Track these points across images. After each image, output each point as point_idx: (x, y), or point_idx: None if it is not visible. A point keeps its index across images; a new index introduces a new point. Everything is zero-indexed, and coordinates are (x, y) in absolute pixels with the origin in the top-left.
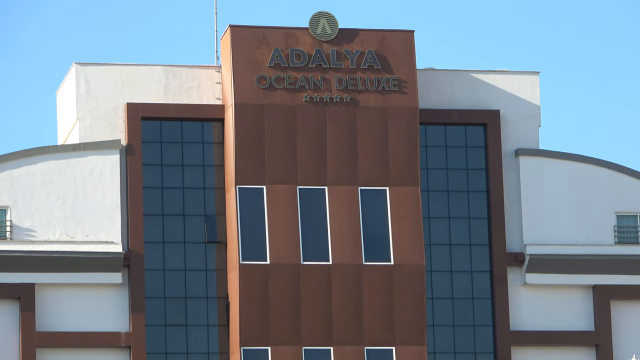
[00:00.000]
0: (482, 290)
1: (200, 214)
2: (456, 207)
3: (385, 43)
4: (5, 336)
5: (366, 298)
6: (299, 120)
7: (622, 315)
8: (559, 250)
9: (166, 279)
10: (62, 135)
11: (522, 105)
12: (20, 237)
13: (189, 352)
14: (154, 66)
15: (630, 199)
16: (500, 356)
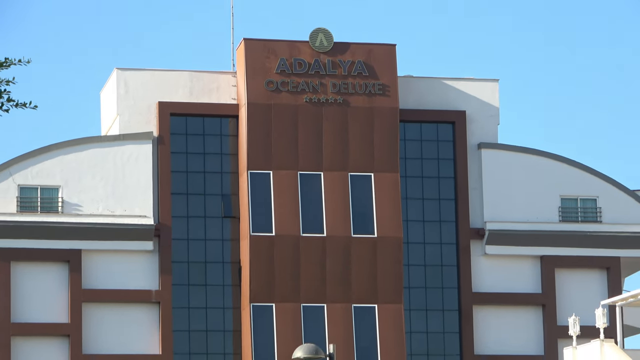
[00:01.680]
0: (449, 259)
1: (217, 193)
2: (428, 190)
3: (372, 54)
4: (57, 292)
5: (354, 264)
6: (300, 117)
7: (564, 281)
8: (513, 227)
9: (189, 247)
10: (104, 128)
11: (484, 106)
12: (70, 211)
13: (208, 307)
14: (181, 71)
15: (572, 184)
16: (463, 313)
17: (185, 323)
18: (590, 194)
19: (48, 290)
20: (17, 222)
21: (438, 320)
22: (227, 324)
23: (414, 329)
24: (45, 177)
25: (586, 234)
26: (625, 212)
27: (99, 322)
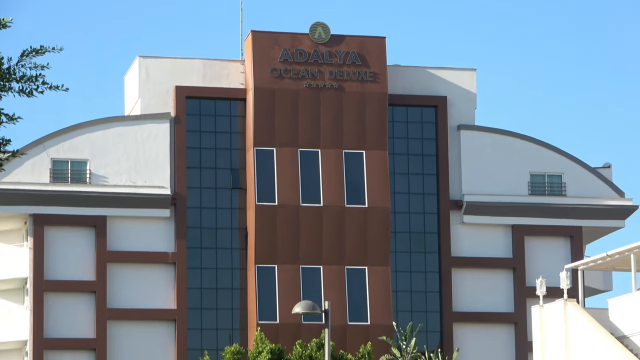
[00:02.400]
0: (431, 227)
1: (227, 167)
2: (413, 166)
3: (364, 46)
4: (85, 254)
5: (346, 231)
6: (300, 101)
7: (532, 247)
8: (488, 199)
9: (202, 214)
10: (127, 109)
11: (463, 92)
12: (97, 181)
13: (218, 267)
14: (195, 59)
15: (540, 162)
16: (443, 275)
17: (197, 281)
18: (556, 171)
19: (77, 252)
20: (49, 191)
21: (420, 281)
22: (234, 282)
23: (399, 288)
24: (75, 151)
25: (552, 206)
26: (587, 186)
27: (121, 280)
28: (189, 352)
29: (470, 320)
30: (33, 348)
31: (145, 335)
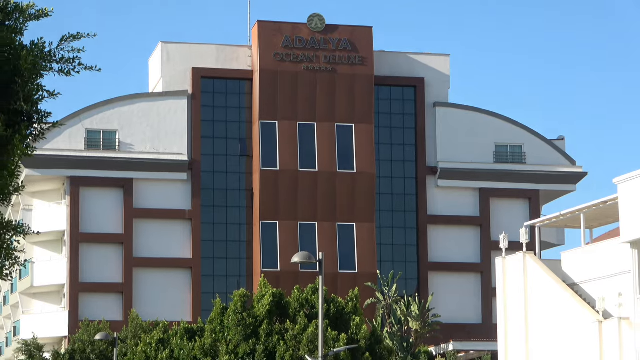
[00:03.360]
0: (410, 189)
1: (236, 137)
2: (396, 137)
3: (355, 34)
4: (114, 210)
5: (338, 192)
6: (299, 81)
7: (496, 207)
8: (459, 166)
9: (214, 178)
10: (151, 87)
11: (438, 75)
12: (125, 149)
13: (227, 223)
14: (209, 45)
15: (504, 134)
16: (420, 230)
17: (210, 234)
18: (518, 142)
19: (107, 209)
20: (84, 157)
21: (401, 236)
22: (241, 236)
23: (382, 242)
24: (106, 123)
25: (514, 172)
26: (544, 155)
27: (145, 233)
28: (202, 295)
29: (443, 270)
30: (69, 291)
31: (165, 281)
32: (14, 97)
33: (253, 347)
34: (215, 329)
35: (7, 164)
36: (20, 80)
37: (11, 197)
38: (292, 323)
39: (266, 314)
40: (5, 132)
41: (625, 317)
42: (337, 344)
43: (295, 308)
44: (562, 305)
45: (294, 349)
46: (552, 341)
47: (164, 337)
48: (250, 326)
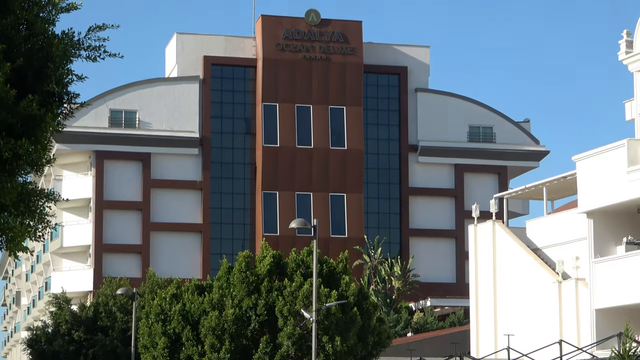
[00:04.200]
0: (394, 164)
1: (241, 117)
2: (381, 118)
3: (346, 27)
4: (134, 181)
5: (331, 167)
6: (297, 69)
7: (469, 180)
8: (437, 144)
9: (222, 152)
10: (167, 72)
11: (420, 64)
12: (144, 126)
13: (234, 192)
14: (219, 35)
15: (476, 117)
16: (402, 200)
17: (218, 202)
18: (488, 124)
19: (128, 180)
20: (108, 133)
21: (385, 205)
22: (245, 204)
23: (369, 210)
24: (128, 103)
25: (485, 150)
26: (511, 136)
27: (161, 200)
28: (211, 256)
29: (422, 235)
30: (94, 251)
31: (178, 243)
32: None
33: (255, 302)
34: (222, 286)
35: (40, 139)
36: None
37: (44, 168)
38: (289, 281)
39: (267, 273)
40: (38, 110)
41: (581, 278)
42: (329, 299)
43: (293, 268)
44: (526, 268)
45: (290, 304)
46: (517, 299)
47: (177, 293)
48: (253, 283)
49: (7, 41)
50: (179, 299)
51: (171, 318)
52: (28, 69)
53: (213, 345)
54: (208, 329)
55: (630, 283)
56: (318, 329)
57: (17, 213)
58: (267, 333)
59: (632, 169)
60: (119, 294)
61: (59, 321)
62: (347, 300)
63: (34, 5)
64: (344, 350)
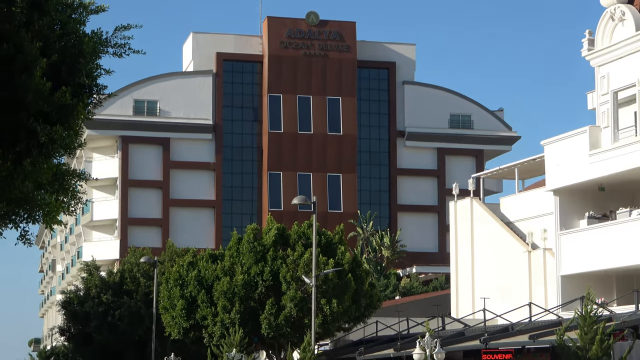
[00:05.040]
0: (384, 148)
1: (249, 106)
2: (373, 108)
3: (342, 27)
4: (155, 163)
5: (328, 150)
6: (298, 64)
7: (450, 162)
8: (422, 130)
9: (232, 137)
10: (184, 66)
11: (407, 60)
12: (163, 115)
13: (243, 172)
14: (230, 34)
15: (457, 106)
16: (391, 180)
17: (229, 181)
18: (467, 112)
19: (150, 162)
20: (132, 120)
21: (376, 184)
22: (253, 182)
23: (362, 188)
24: (149, 94)
25: (464, 135)
26: (487, 123)
27: (179, 180)
28: (223, 228)
29: (408, 210)
30: (120, 224)
31: (194, 217)
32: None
33: (262, 269)
34: (233, 255)
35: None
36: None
37: (76, 151)
38: (292, 250)
39: (272, 244)
40: (71, 100)
41: (548, 248)
42: (327, 266)
43: (295, 239)
44: (499, 239)
45: (293, 271)
46: (492, 266)
47: (193, 260)
48: (260, 252)
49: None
50: (194, 266)
51: (188, 283)
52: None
53: (225, 307)
54: (220, 293)
55: (592, 252)
56: (317, 292)
57: (53, 191)
58: (272, 296)
59: (593, 152)
60: (142, 261)
61: (90, 286)
62: (342, 267)
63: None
64: (339, 312)
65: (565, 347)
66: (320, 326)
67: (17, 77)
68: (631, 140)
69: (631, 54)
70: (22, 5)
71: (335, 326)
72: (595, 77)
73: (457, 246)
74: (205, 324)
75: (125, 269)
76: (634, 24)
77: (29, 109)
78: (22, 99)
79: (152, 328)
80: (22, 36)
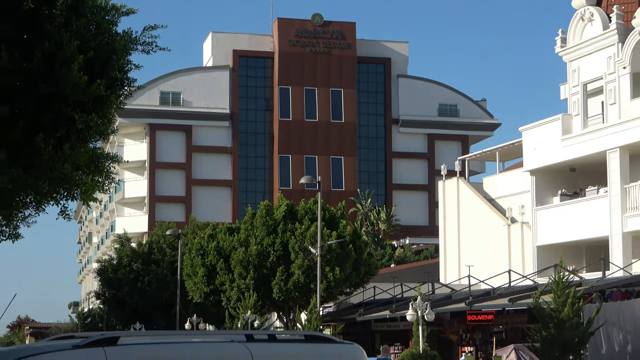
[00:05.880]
0: (380, 134)
1: (262, 97)
2: (371, 98)
3: (343, 27)
4: (179, 147)
5: (332, 135)
6: (306, 60)
7: (439, 146)
8: (414, 118)
9: (247, 124)
10: (205, 62)
11: (400, 56)
12: (186, 104)
13: (256, 155)
14: (244, 34)
15: (445, 96)
16: (387, 162)
17: (244, 163)
18: (454, 102)
19: (174, 146)
20: (159, 110)
21: (374, 165)
22: (265, 164)
23: (361, 169)
24: (174, 86)
25: (451, 122)
26: (471, 112)
27: (200, 162)
28: (239, 205)
29: (402, 189)
30: (148, 201)
31: (213, 195)
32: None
33: (273, 240)
34: (247, 228)
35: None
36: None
37: (109, 136)
38: (299, 224)
39: (282, 218)
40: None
41: (525, 222)
42: (330, 238)
43: (302, 214)
44: (482, 214)
45: (300, 242)
46: (476, 238)
47: (212, 233)
48: (271, 226)
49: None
50: (214, 238)
51: (208, 253)
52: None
53: (241, 274)
54: (237, 261)
55: (564, 226)
56: (321, 261)
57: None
58: (283, 264)
59: (565, 137)
60: (167, 234)
61: (122, 255)
62: (344, 239)
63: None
64: (341, 278)
65: (540, 309)
66: (325, 290)
67: (57, 72)
68: (598, 127)
69: (599, 51)
70: (61, 8)
71: (337, 290)
72: (567, 71)
73: (445, 220)
74: (224, 289)
75: (153, 241)
76: (602, 24)
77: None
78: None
79: (177, 292)
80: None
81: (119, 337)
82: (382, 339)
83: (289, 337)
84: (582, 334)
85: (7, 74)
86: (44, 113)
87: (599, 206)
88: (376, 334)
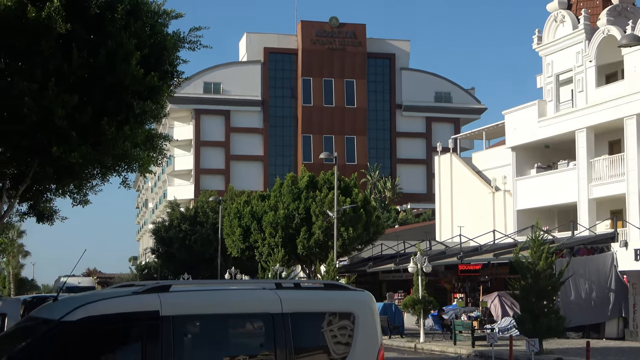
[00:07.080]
0: (386, 117)
1: (288, 87)
2: (378, 87)
3: (355, 28)
4: (219, 128)
5: (345, 118)
6: (325, 56)
7: (435, 127)
8: (415, 104)
9: (276, 109)
10: (240, 57)
11: (403, 52)
12: (225, 93)
13: (284, 135)
14: (273, 34)
15: (440, 86)
16: (392, 140)
17: (274, 142)
18: (447, 90)
19: (216, 127)
20: (203, 97)
21: (381, 143)
22: (291, 142)
23: (370, 146)
24: (215, 78)
25: (445, 107)
26: (462, 98)
27: (237, 141)
28: (269, 176)
29: (405, 163)
30: (195, 173)
31: (248, 168)
32: (163, 63)
33: (297, 206)
34: (276, 195)
35: (159, 101)
36: (166, 53)
37: (161, 119)
38: (319, 192)
39: (305, 187)
40: (158, 83)
41: (507, 190)
42: (345, 204)
43: (321, 184)
44: (471, 183)
45: (320, 207)
46: (465, 204)
47: (247, 199)
48: (296, 194)
49: (137, 38)
50: (249, 204)
51: (244, 216)
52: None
53: (271, 233)
54: (267, 223)
55: (539, 193)
56: (337, 223)
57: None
58: (305, 225)
59: (541, 119)
60: (210, 200)
61: (172, 218)
62: (356, 204)
63: (155, 15)
64: (354, 237)
65: (519, 262)
66: (340, 247)
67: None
68: (569, 111)
69: (569, 47)
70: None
71: (351, 247)
72: (543, 64)
73: (440, 189)
74: (257, 246)
75: (198, 206)
76: (572, 25)
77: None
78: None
79: (218, 249)
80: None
81: (170, 285)
82: (388, 287)
83: (311, 285)
84: (554, 283)
85: (77, 68)
86: (108, 100)
87: (569, 177)
88: (383, 283)
